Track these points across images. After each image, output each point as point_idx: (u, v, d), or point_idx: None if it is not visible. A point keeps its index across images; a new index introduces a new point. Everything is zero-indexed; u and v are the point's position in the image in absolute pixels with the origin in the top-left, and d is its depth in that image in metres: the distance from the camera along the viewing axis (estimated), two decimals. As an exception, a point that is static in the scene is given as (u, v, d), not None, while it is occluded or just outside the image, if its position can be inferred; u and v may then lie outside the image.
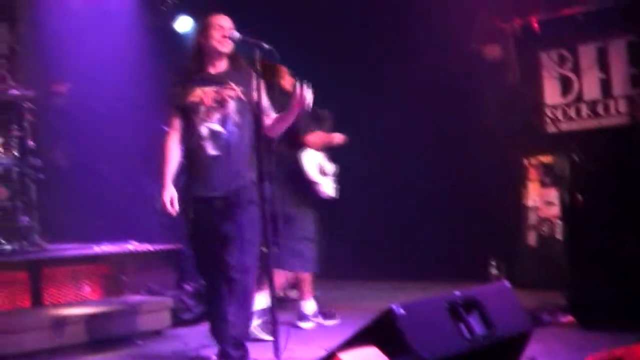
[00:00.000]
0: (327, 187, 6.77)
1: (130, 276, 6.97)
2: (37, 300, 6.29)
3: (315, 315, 6.82)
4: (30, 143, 7.77)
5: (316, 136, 6.73)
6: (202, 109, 4.98)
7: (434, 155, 9.01)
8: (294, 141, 6.55)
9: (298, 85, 4.96)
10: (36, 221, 7.68)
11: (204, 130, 4.96)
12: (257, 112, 4.96)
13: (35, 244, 7.36)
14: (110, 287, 6.85)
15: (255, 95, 4.96)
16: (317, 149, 6.77)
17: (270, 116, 5.19)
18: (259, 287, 6.44)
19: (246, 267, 4.94)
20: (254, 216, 4.94)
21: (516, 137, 8.71)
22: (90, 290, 6.68)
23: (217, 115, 4.97)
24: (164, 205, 4.96)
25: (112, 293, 6.83)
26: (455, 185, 8.81)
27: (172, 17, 10.12)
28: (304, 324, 6.71)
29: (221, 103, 4.99)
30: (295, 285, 6.97)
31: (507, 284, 4.36)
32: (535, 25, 8.57)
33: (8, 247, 7.13)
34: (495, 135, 8.73)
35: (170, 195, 4.95)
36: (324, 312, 6.91)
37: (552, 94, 8.76)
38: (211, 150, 4.96)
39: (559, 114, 8.66)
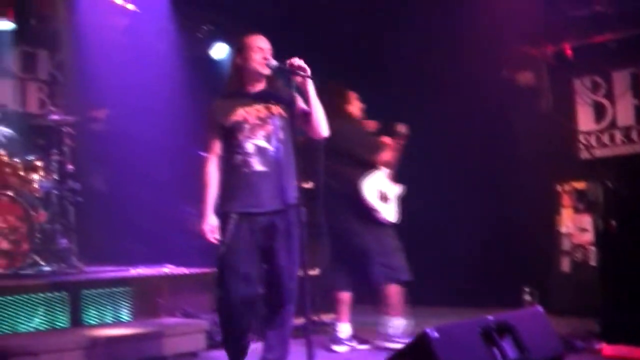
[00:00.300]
0: (387, 213, 6.80)
1: (166, 299, 7.03)
2: (76, 321, 6.38)
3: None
4: (70, 167, 7.92)
5: (387, 154, 6.81)
6: (247, 126, 4.96)
7: (468, 181, 9.02)
8: (362, 163, 6.69)
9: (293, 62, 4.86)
10: (74, 243, 7.81)
11: (249, 146, 4.94)
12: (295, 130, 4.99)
13: (73, 266, 7.47)
14: (147, 309, 6.91)
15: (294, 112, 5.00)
16: (391, 167, 6.86)
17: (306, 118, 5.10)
18: (337, 317, 6.75)
19: (293, 290, 4.98)
20: (298, 238, 4.91)
21: (550, 164, 8.71)
22: (126, 312, 6.75)
23: (261, 132, 4.97)
24: (203, 233, 4.95)
25: (148, 315, 6.89)
26: (490, 211, 8.81)
27: (208, 44, 10.27)
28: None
29: (264, 120, 5.00)
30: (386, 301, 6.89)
31: (540, 309, 4.38)
32: (568, 52, 8.59)
33: (47, 268, 7.26)
34: (528, 161, 8.75)
35: (211, 224, 4.94)
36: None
37: (585, 120, 8.76)
38: (258, 166, 4.94)
39: (593, 141, 8.66)
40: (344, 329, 6.83)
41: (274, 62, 4.96)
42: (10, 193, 7.08)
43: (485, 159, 8.88)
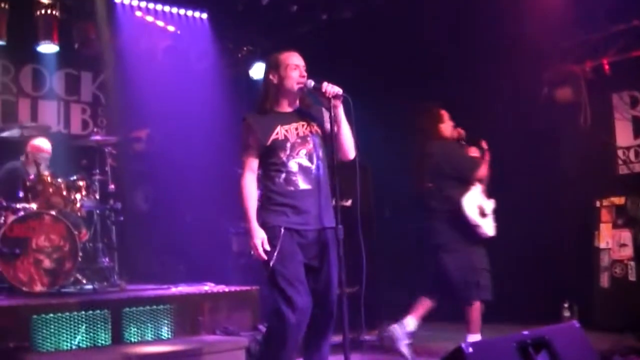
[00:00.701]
0: (487, 227, 6.84)
1: (207, 316, 7.09)
2: (117, 339, 6.47)
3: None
4: (112, 187, 8.06)
5: (483, 169, 6.88)
6: (288, 145, 4.92)
7: (507, 198, 8.98)
8: (461, 180, 6.76)
9: (324, 86, 4.85)
10: (116, 262, 7.94)
11: (293, 165, 4.91)
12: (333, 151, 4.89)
13: (115, 284, 7.59)
14: (187, 327, 6.98)
15: (327, 129, 4.98)
16: (484, 182, 6.96)
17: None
18: (411, 311, 6.78)
19: (334, 310, 4.95)
20: (339, 255, 4.86)
21: (588, 179, 8.66)
22: (167, 330, 6.83)
23: (303, 151, 4.94)
24: (255, 248, 4.84)
25: (189, 333, 6.95)
26: (529, 227, 8.75)
27: (247, 64, 10.37)
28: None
29: (305, 139, 4.97)
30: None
31: (576, 323, 4.36)
32: (607, 67, 8.55)
33: (89, 287, 7.38)
34: (567, 177, 8.70)
35: (261, 237, 4.85)
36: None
37: (624, 135, 8.70)
38: (303, 184, 4.91)
39: (631, 156, 8.60)
40: (410, 322, 6.84)
41: (311, 84, 4.92)
42: (53, 212, 7.22)
43: (525, 176, 8.84)
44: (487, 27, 8.65)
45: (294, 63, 5.00)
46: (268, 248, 4.81)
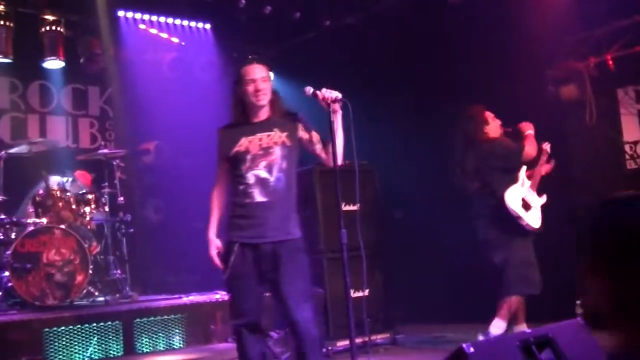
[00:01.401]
0: (531, 219, 6.94)
1: (219, 325, 7.14)
2: (129, 349, 6.52)
3: None
4: (121, 199, 8.11)
5: (529, 147, 6.99)
6: (249, 157, 4.91)
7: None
8: (510, 171, 6.92)
9: (320, 93, 4.87)
10: (127, 274, 7.99)
11: (250, 177, 4.89)
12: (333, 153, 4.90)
13: (126, 295, 7.64)
14: (199, 336, 7.03)
15: (305, 136, 5.05)
16: (536, 178, 7.14)
17: (324, 149, 5.10)
18: (497, 314, 6.83)
19: (307, 319, 4.87)
20: (304, 265, 4.95)
21: (597, 175, 8.64)
22: (179, 339, 6.87)
23: (263, 163, 4.92)
24: (211, 258, 4.95)
25: (201, 342, 7.00)
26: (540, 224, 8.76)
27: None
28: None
29: (267, 150, 4.94)
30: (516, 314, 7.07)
31: (580, 320, 4.33)
32: (611, 63, 8.54)
33: (101, 299, 7.44)
34: (575, 174, 8.69)
35: (215, 248, 4.94)
36: None
37: (630, 130, 8.68)
38: (259, 196, 4.89)
39: (639, 150, 8.59)
40: (499, 325, 6.88)
41: (310, 91, 4.90)
42: (63, 226, 7.28)
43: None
44: (490, 26, 8.66)
45: (249, 78, 4.98)
46: (217, 262, 4.92)
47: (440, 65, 9.30)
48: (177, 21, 9.81)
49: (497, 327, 6.86)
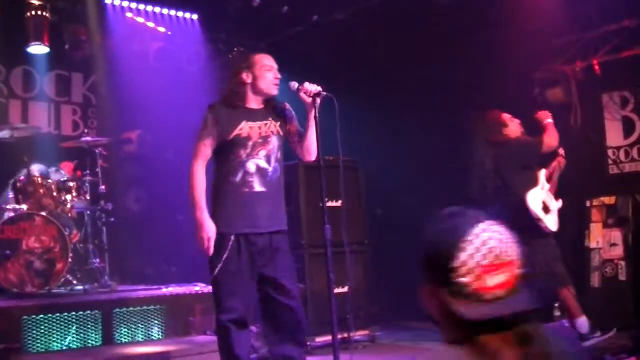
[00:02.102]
0: (550, 222, 7.01)
1: (198, 317, 7.11)
2: (108, 340, 6.48)
3: (592, 332, 6.86)
4: (102, 188, 8.05)
5: (549, 137, 7.05)
6: (250, 144, 4.85)
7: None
8: (530, 168, 7.01)
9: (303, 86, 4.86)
10: (107, 263, 7.94)
11: (251, 166, 4.84)
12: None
13: (106, 285, 7.59)
14: (178, 328, 6.99)
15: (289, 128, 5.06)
16: (553, 183, 7.27)
17: (301, 140, 5.08)
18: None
19: (297, 308, 4.93)
20: (291, 261, 5.01)
21: (579, 179, 8.67)
22: (158, 330, 6.84)
23: (262, 152, 4.87)
24: (202, 242, 4.73)
25: (180, 333, 6.97)
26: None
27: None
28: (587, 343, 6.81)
29: (265, 139, 4.91)
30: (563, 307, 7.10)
31: (566, 322, 4.36)
32: (597, 67, 8.57)
33: (80, 287, 7.38)
34: (558, 177, 8.72)
35: (211, 232, 4.74)
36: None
37: (614, 135, 8.73)
38: (258, 186, 4.84)
39: (622, 155, 8.63)
40: (582, 324, 6.81)
41: (295, 86, 4.89)
42: (44, 214, 7.21)
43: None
44: (477, 27, 8.67)
45: (269, 64, 4.98)
46: (211, 248, 4.73)
47: (427, 63, 9.29)
48: (165, 10, 9.73)
49: (581, 324, 6.81)
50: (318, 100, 4.83)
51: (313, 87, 4.83)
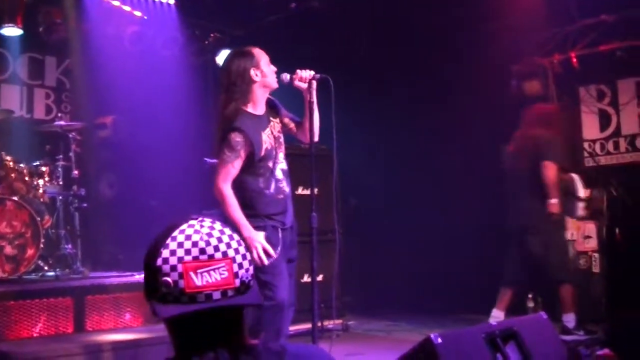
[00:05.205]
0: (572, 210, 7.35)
1: (170, 304, 7.04)
2: (80, 327, 6.40)
3: (577, 328, 6.96)
4: (75, 173, 7.94)
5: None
6: (273, 153, 4.78)
7: (471, 189, 9.02)
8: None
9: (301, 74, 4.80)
10: (79, 249, 7.84)
11: (279, 173, 4.82)
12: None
13: (78, 271, 7.50)
14: (151, 315, 6.90)
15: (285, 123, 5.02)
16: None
17: (300, 125, 5.04)
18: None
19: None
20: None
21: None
22: (130, 318, 6.77)
23: (281, 154, 4.86)
24: (257, 250, 4.61)
25: (153, 321, 6.89)
26: (494, 218, 8.80)
27: (214, 51, 10.25)
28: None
29: (278, 140, 4.86)
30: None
31: (544, 315, 4.36)
32: (574, 60, 8.60)
33: (52, 274, 7.28)
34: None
35: (263, 238, 4.68)
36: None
37: (590, 128, 8.77)
38: (286, 188, 4.88)
39: (597, 149, 8.67)
40: (570, 319, 6.98)
41: (287, 77, 4.82)
42: (15, 198, 7.09)
43: (488, 167, 8.87)
44: (457, 19, 8.66)
45: (267, 59, 4.86)
46: (270, 249, 4.68)
47: (407, 53, 9.29)
48: (141, -6, 9.63)
49: (570, 319, 7.02)
50: (314, 83, 4.78)
51: (306, 73, 4.77)
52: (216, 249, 1.87)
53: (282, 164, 4.87)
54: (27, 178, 7.43)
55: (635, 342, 5.71)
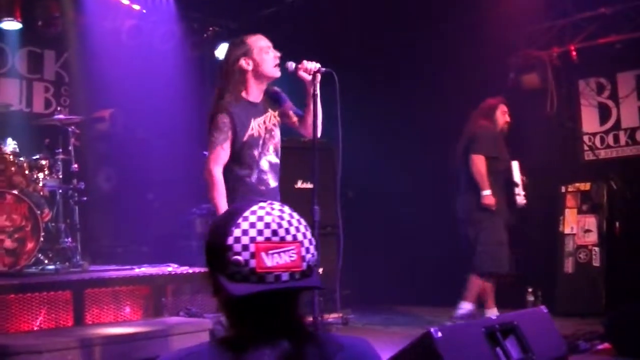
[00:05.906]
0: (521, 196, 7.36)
1: (170, 298, 7.03)
2: (80, 320, 6.39)
3: (462, 319, 7.00)
4: (75, 166, 7.93)
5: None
6: (260, 142, 4.73)
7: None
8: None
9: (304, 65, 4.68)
10: (79, 243, 7.83)
11: (264, 164, 4.75)
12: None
13: (77, 265, 7.49)
14: (150, 309, 6.92)
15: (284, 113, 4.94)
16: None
17: (302, 120, 4.93)
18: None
19: None
20: None
21: (554, 165, 8.70)
22: (130, 311, 6.76)
23: (271, 147, 4.79)
24: None
25: (152, 314, 6.89)
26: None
27: (213, 44, 10.24)
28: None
29: (271, 132, 4.80)
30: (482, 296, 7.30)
31: (544, 309, 4.35)
32: (574, 53, 8.59)
33: (51, 267, 7.28)
34: (533, 162, 8.73)
35: None
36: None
37: (590, 121, 8.77)
38: (273, 182, 4.80)
39: (597, 142, 8.67)
40: (465, 308, 7.14)
41: (292, 66, 4.70)
42: (15, 192, 7.07)
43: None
44: (454, 11, 8.64)
45: (266, 44, 4.77)
46: None
47: (404, 47, 9.27)
48: (139, -12, 9.61)
49: (466, 308, 7.16)
50: (318, 76, 4.73)
51: (312, 65, 4.69)
52: (287, 231, 1.93)
53: (270, 157, 4.79)
54: (26, 172, 7.42)
55: (634, 335, 5.72)
